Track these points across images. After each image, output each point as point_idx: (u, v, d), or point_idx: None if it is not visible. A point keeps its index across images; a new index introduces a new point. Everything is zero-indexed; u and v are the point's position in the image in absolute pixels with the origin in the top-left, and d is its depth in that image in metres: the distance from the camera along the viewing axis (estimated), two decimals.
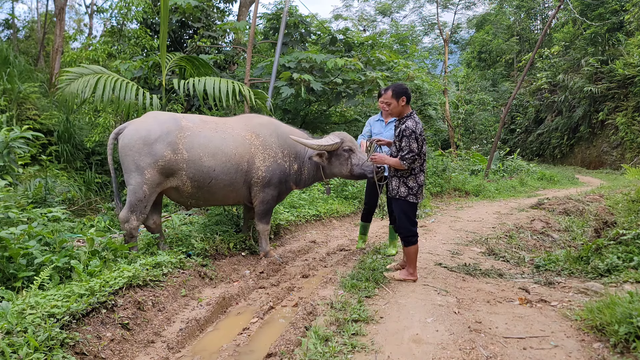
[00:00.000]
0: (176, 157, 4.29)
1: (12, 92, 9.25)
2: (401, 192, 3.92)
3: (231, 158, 4.51)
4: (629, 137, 21.22)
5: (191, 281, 3.88)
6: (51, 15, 19.48)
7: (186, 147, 4.34)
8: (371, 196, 5.18)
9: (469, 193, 12.32)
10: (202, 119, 4.72)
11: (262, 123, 4.87)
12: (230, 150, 4.51)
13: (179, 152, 4.31)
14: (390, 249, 5.13)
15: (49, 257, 3.44)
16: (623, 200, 6.43)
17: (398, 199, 3.96)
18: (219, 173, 4.47)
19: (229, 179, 4.53)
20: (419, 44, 31.22)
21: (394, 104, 3.89)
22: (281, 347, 2.73)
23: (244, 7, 15.07)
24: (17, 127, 5.69)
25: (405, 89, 3.94)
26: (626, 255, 3.94)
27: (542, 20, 32.87)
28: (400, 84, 4.00)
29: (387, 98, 3.89)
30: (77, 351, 2.50)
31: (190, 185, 4.44)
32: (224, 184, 4.53)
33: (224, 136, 4.55)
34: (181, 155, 4.32)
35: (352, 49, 11.96)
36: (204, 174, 4.42)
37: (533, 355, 2.54)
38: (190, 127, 4.46)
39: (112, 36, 11.90)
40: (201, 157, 4.38)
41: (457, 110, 24.82)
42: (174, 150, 4.27)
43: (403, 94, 3.89)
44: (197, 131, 4.46)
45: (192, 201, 4.64)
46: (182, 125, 4.42)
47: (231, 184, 4.56)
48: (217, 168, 4.45)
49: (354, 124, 13.53)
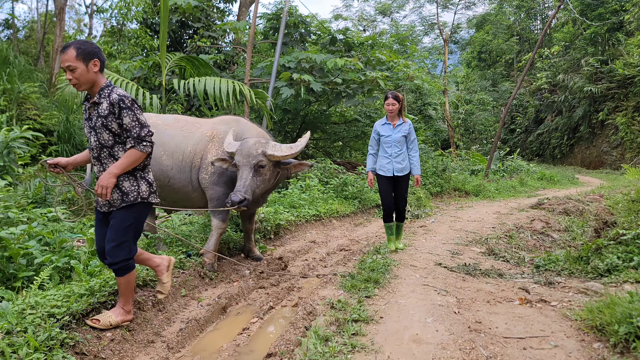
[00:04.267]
0: None
1: (12, 92, 9.25)
2: (142, 191, 2.88)
3: (187, 157, 4.35)
4: (629, 137, 21.23)
5: (191, 281, 3.88)
6: (51, 15, 19.46)
7: None
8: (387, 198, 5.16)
9: (469, 193, 12.32)
10: (176, 118, 4.62)
11: (225, 120, 4.66)
12: (187, 149, 4.36)
13: None
14: (396, 244, 5.25)
15: (49, 257, 3.44)
16: (623, 200, 6.43)
17: (133, 205, 2.84)
18: (175, 172, 4.34)
19: (185, 178, 4.37)
20: (419, 44, 31.26)
21: (81, 68, 2.66)
22: (281, 347, 2.73)
23: (244, 7, 15.08)
24: (17, 127, 5.69)
25: (95, 49, 2.73)
26: (626, 255, 3.94)
27: (542, 20, 32.87)
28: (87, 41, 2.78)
29: (69, 60, 2.63)
30: (77, 351, 2.50)
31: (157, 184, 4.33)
32: (182, 184, 4.38)
33: (186, 135, 4.42)
34: None
35: (352, 49, 11.96)
36: (163, 172, 4.32)
37: (533, 355, 2.54)
38: (158, 125, 4.39)
39: (112, 36, 11.91)
40: (161, 155, 4.31)
41: (457, 110, 24.84)
42: None
43: (94, 55, 2.71)
44: (163, 129, 4.38)
45: (163, 202, 4.55)
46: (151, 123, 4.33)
47: (189, 183, 4.39)
48: (174, 167, 4.33)
49: (354, 124, 13.54)
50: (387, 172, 5.02)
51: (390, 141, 4.99)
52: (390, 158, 5.00)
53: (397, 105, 4.94)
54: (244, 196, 3.88)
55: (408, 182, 5.14)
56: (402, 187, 5.09)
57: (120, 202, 2.82)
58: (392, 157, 4.99)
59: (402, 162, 4.99)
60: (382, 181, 5.10)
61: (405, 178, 5.06)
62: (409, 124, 5.04)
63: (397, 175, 4.99)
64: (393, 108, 4.93)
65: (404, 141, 5.01)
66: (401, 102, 5.00)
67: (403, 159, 5.00)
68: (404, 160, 5.00)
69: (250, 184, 3.99)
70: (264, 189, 4.24)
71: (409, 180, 5.13)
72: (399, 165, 4.98)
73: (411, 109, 19.34)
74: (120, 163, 2.74)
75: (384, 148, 5.05)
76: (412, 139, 5.03)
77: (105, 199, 2.73)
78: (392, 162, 4.99)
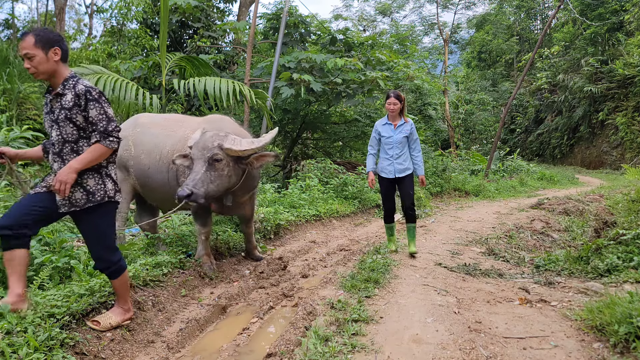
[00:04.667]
0: (124, 153, 4.22)
1: (12, 92, 9.24)
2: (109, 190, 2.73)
3: (164, 156, 4.20)
4: (629, 137, 21.23)
5: (191, 281, 3.88)
6: (51, 15, 19.47)
7: (134, 144, 4.25)
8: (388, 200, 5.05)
9: (469, 193, 12.32)
10: (167, 117, 4.55)
11: (210, 119, 4.45)
12: (165, 149, 4.22)
13: (128, 149, 4.24)
14: (411, 248, 5.00)
15: (49, 257, 3.43)
16: (623, 200, 6.43)
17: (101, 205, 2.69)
18: (153, 172, 4.22)
19: (161, 179, 4.22)
20: (419, 44, 31.24)
21: (39, 56, 2.52)
22: (281, 347, 2.73)
23: (244, 7, 15.08)
24: (17, 127, 5.69)
25: (56, 37, 2.59)
26: (626, 255, 3.94)
27: (542, 20, 32.87)
28: (48, 29, 2.67)
29: (27, 47, 2.50)
30: (77, 351, 2.50)
31: (138, 183, 4.31)
32: (159, 184, 4.24)
33: (168, 134, 4.29)
34: (129, 151, 4.23)
35: (352, 49, 11.95)
36: (143, 172, 4.25)
37: (533, 355, 2.54)
38: (144, 124, 4.35)
39: (112, 36, 11.91)
40: (141, 154, 4.24)
41: (457, 110, 24.84)
42: (124, 145, 4.17)
43: (54, 43, 2.56)
44: (147, 128, 4.31)
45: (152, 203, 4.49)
46: (138, 122, 4.35)
47: (167, 183, 4.21)
48: (151, 166, 4.22)
49: (354, 124, 13.53)
50: (388, 174, 4.91)
51: (391, 142, 4.88)
52: (392, 160, 4.89)
53: (398, 105, 4.83)
54: (190, 190, 3.50)
55: (412, 181, 4.95)
56: (405, 185, 4.90)
57: (85, 202, 2.63)
58: (393, 159, 4.88)
59: (403, 163, 4.87)
60: (383, 183, 5.00)
61: (408, 177, 4.91)
62: (411, 123, 4.93)
63: (399, 177, 4.88)
64: (395, 108, 4.81)
65: (405, 142, 4.90)
66: (403, 101, 4.88)
67: (404, 160, 4.88)
68: (405, 161, 4.88)
69: (201, 178, 3.61)
70: (222, 186, 3.82)
71: (412, 178, 4.96)
72: (400, 166, 4.87)
73: (411, 109, 19.30)
74: (82, 158, 2.56)
75: (385, 149, 4.95)
76: (415, 138, 4.91)
77: (63, 195, 2.52)
78: (394, 164, 4.88)
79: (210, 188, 3.69)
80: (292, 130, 12.83)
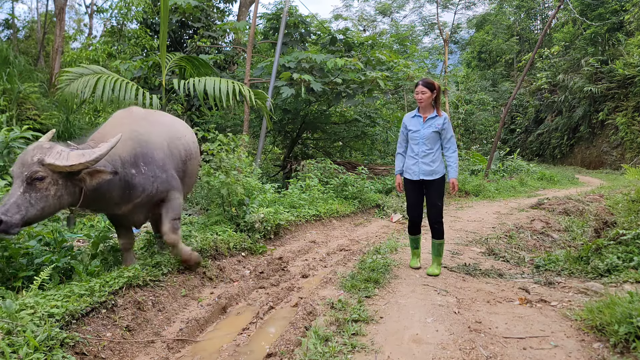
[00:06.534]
0: None
1: (12, 92, 9.24)
2: None
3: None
4: (629, 137, 21.24)
5: (191, 281, 3.88)
6: (51, 15, 19.46)
7: None
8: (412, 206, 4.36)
9: (469, 193, 12.32)
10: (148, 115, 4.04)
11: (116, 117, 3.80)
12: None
13: None
14: (432, 268, 4.28)
15: (49, 257, 3.44)
16: (623, 200, 6.43)
17: None
18: None
19: None
20: (419, 44, 31.24)
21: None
22: (281, 347, 2.73)
23: (244, 7, 15.09)
24: (17, 127, 5.68)
25: None
26: (626, 255, 3.94)
27: (542, 20, 32.88)
28: None
29: None
30: (77, 351, 2.50)
31: None
32: None
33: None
34: None
35: (352, 49, 11.96)
36: None
37: (533, 355, 2.54)
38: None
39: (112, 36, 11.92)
40: None
41: (457, 110, 24.82)
42: None
43: None
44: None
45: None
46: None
47: None
48: None
49: (354, 124, 13.54)
50: (412, 175, 4.21)
51: (417, 137, 4.17)
52: (417, 158, 4.17)
53: (428, 93, 4.08)
54: (1, 218, 2.73)
55: (442, 187, 4.20)
56: (431, 193, 4.19)
57: None
58: (418, 157, 4.16)
59: (431, 163, 4.13)
60: (408, 186, 4.29)
61: (437, 182, 4.16)
62: (445, 117, 4.14)
63: (425, 180, 4.17)
64: (423, 97, 4.08)
65: (435, 138, 4.14)
66: (437, 90, 4.13)
67: (433, 160, 4.14)
68: (433, 162, 4.13)
69: (16, 202, 2.83)
70: (50, 208, 3.00)
71: (443, 184, 4.21)
72: (427, 167, 4.13)
73: (411, 109, 19.34)
74: None
75: (411, 145, 4.25)
76: (449, 137, 4.13)
77: None
78: (419, 163, 4.16)
79: (31, 213, 2.91)
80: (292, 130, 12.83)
